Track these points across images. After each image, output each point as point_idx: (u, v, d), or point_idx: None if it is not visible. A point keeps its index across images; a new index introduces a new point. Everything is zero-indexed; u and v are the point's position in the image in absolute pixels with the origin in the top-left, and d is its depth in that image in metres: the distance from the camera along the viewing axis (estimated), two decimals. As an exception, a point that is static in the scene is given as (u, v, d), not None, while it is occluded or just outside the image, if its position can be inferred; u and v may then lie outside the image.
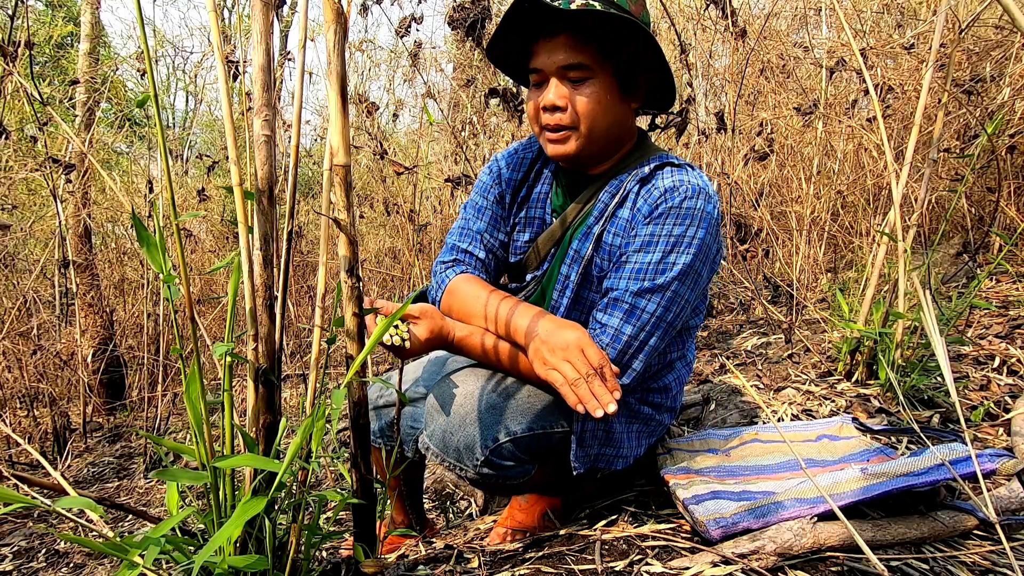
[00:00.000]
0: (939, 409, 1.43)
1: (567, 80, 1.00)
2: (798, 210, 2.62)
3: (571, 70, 0.99)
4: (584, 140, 1.02)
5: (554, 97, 1.00)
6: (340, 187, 0.76)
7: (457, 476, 1.04)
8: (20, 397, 2.80)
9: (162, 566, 0.75)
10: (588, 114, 1.00)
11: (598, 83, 1.00)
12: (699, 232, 0.98)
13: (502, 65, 1.13)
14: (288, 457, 0.71)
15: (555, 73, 1.00)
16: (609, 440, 1.08)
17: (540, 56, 1.00)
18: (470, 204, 1.21)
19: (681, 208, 0.98)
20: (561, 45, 0.98)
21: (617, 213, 1.05)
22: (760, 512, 0.89)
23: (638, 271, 0.98)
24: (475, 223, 1.18)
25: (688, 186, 0.99)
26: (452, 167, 3.32)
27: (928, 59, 1.41)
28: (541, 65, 1.01)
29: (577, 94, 1.00)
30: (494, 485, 1.05)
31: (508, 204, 1.19)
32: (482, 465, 0.99)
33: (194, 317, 0.75)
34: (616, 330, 0.98)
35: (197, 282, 4.09)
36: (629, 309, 0.98)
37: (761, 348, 2.15)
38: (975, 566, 0.83)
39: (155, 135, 2.57)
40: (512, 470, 1.02)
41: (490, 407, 0.99)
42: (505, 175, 1.18)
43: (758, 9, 3.29)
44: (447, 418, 1.00)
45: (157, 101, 0.70)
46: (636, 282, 0.98)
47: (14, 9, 2.47)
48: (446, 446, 1.01)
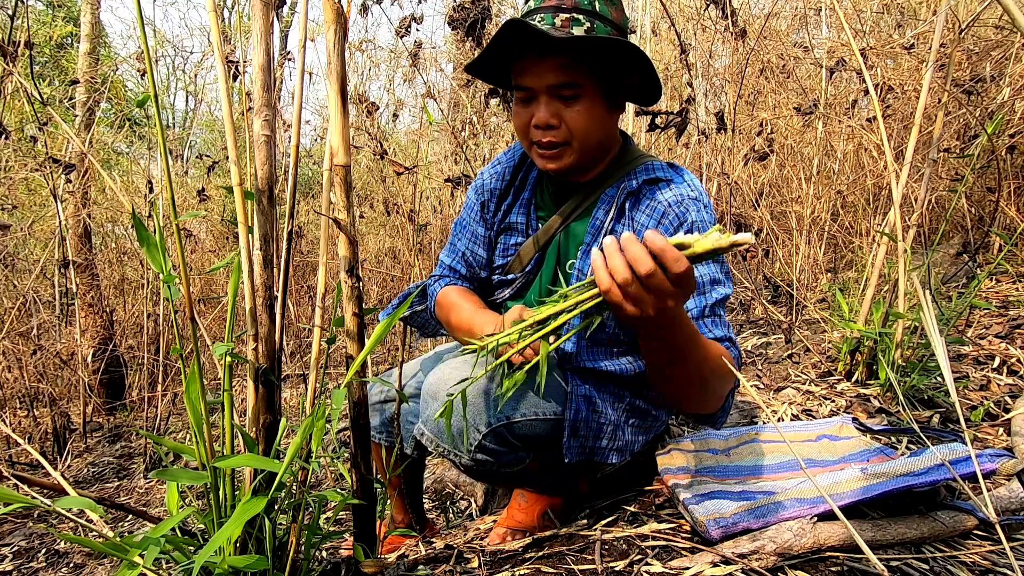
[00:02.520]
0: (939, 409, 1.43)
1: (558, 97, 1.00)
2: (798, 210, 2.62)
3: (562, 88, 0.99)
4: (578, 155, 1.04)
5: (547, 116, 1.00)
6: (340, 187, 0.76)
7: (453, 464, 1.05)
8: (20, 397, 2.80)
9: (162, 566, 0.75)
10: (581, 130, 1.01)
11: (588, 98, 1.00)
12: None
13: (483, 75, 1.13)
14: (288, 457, 0.71)
15: (546, 91, 1.00)
16: (603, 431, 1.08)
17: (528, 75, 1.00)
18: (457, 222, 1.27)
19: (696, 223, 1.01)
20: (550, 66, 0.98)
21: (615, 229, 1.07)
22: (760, 512, 0.89)
23: (699, 285, 0.99)
24: (459, 241, 1.25)
25: (690, 201, 1.03)
26: (452, 167, 3.32)
27: (928, 59, 1.41)
28: (530, 84, 1.00)
29: (568, 110, 1.00)
30: (489, 472, 1.06)
31: (493, 212, 1.22)
32: (476, 450, 1.00)
33: (194, 317, 0.75)
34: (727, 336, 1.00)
35: (197, 282, 4.09)
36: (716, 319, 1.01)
37: (761, 348, 2.15)
38: (975, 566, 0.83)
39: (155, 135, 2.57)
40: (506, 456, 1.02)
41: (483, 393, 1.00)
42: (489, 186, 1.22)
43: (758, 9, 3.30)
44: (440, 404, 1.01)
45: (157, 101, 0.70)
46: (701, 297, 1.00)
47: (14, 9, 2.47)
48: (440, 432, 1.02)
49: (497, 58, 1.05)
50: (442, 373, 1.03)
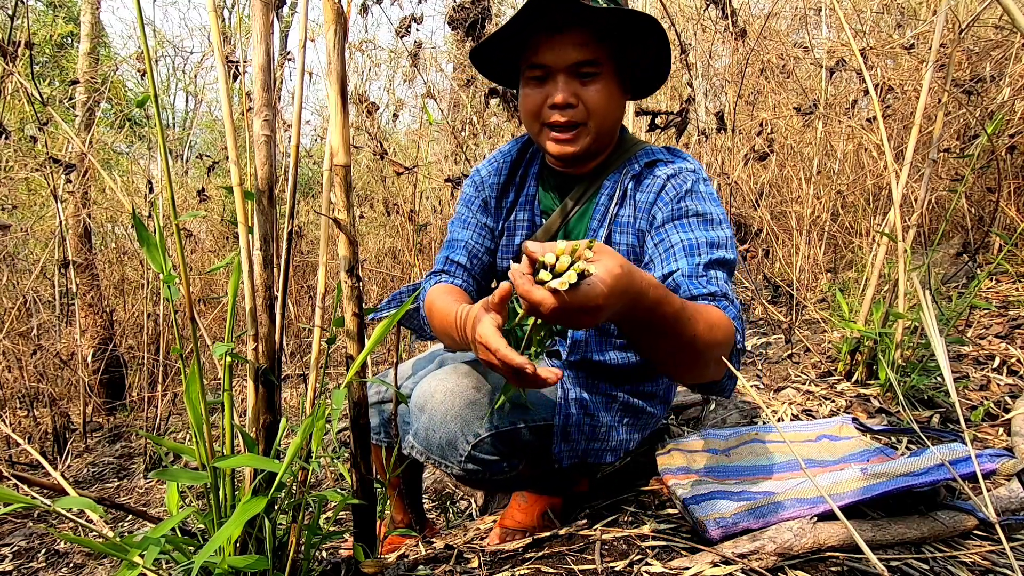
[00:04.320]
0: (939, 409, 1.43)
1: (576, 76, 0.97)
2: (798, 210, 2.62)
3: (583, 66, 0.95)
4: (593, 136, 1.01)
5: (567, 94, 0.96)
6: (340, 187, 0.76)
7: (444, 474, 1.04)
8: (20, 397, 2.80)
9: (162, 566, 0.75)
10: (600, 109, 0.98)
11: (605, 78, 0.98)
12: (719, 208, 1.00)
13: (488, 65, 1.09)
14: (288, 457, 0.71)
15: (564, 70, 0.96)
16: (596, 434, 1.08)
17: (546, 51, 0.96)
18: (455, 217, 1.22)
19: (693, 191, 0.99)
20: (572, 42, 0.94)
21: (619, 213, 1.05)
22: (760, 512, 0.89)
23: (690, 247, 0.94)
24: (460, 233, 1.18)
25: (688, 173, 1.01)
26: (452, 167, 3.32)
27: (928, 59, 1.41)
28: (548, 62, 0.96)
29: (586, 90, 0.97)
30: (481, 481, 1.05)
31: (494, 208, 1.18)
32: (466, 461, 0.99)
33: (194, 317, 0.75)
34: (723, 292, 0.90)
35: (197, 282, 4.09)
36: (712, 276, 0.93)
37: (761, 348, 2.15)
38: (975, 566, 0.83)
39: (155, 135, 2.57)
40: (497, 464, 1.02)
41: (470, 403, 0.99)
42: (487, 181, 1.18)
43: (758, 9, 3.30)
44: (428, 416, 1.00)
45: (157, 101, 0.70)
46: (693, 256, 0.93)
47: (14, 9, 2.47)
48: (429, 444, 1.01)
49: (510, 37, 1.01)
50: (429, 385, 1.02)
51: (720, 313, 0.83)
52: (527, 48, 1.00)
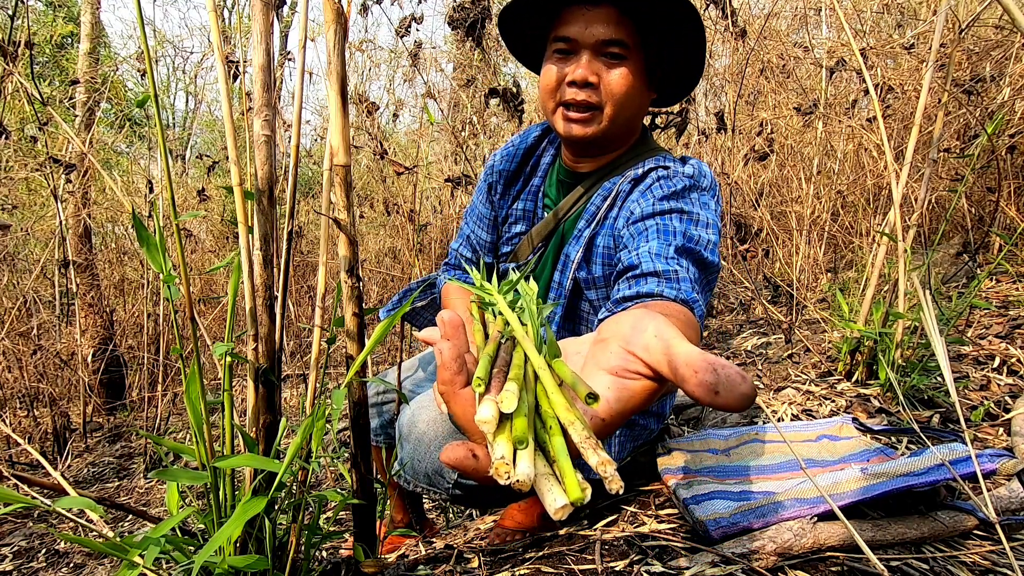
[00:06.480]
0: (939, 409, 1.43)
1: (602, 56, 0.94)
2: (798, 210, 2.62)
3: (610, 46, 0.92)
4: (607, 123, 0.97)
5: (587, 72, 0.93)
6: (340, 187, 0.76)
7: (433, 499, 1.05)
8: (20, 397, 2.80)
9: (162, 566, 0.75)
10: (618, 96, 0.95)
11: (631, 65, 0.94)
12: (709, 215, 0.93)
13: (512, 33, 1.05)
14: (288, 457, 0.71)
15: (591, 46, 0.93)
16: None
17: (574, 25, 0.93)
18: (468, 209, 1.26)
19: (682, 194, 0.93)
20: (603, 17, 0.92)
21: (608, 215, 1.01)
22: (760, 512, 0.89)
23: (665, 232, 0.87)
24: (466, 227, 1.24)
25: (681, 176, 0.96)
26: (452, 167, 3.32)
27: (928, 59, 1.41)
28: (575, 35, 0.93)
29: (609, 73, 0.94)
30: (472, 502, 1.06)
31: (500, 195, 1.16)
32: (454, 487, 0.99)
33: (194, 317, 0.75)
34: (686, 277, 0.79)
35: (197, 282, 4.09)
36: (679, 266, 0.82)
37: (761, 348, 2.15)
38: (975, 566, 0.83)
39: (155, 135, 2.57)
40: (482, 487, 1.01)
41: (453, 432, 0.97)
42: (498, 167, 1.17)
43: (758, 9, 3.30)
44: (413, 446, 1.00)
45: (157, 101, 0.70)
46: (667, 238, 0.85)
47: (14, 9, 2.47)
48: (416, 472, 1.01)
49: (538, 8, 0.97)
50: (412, 413, 1.02)
51: (669, 304, 0.71)
52: (557, 20, 0.97)
